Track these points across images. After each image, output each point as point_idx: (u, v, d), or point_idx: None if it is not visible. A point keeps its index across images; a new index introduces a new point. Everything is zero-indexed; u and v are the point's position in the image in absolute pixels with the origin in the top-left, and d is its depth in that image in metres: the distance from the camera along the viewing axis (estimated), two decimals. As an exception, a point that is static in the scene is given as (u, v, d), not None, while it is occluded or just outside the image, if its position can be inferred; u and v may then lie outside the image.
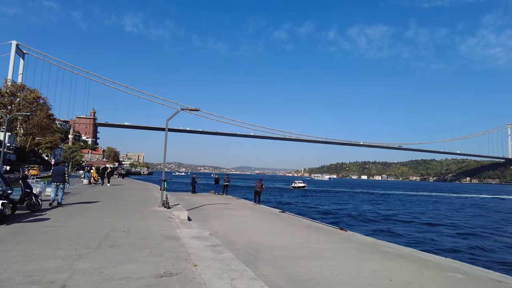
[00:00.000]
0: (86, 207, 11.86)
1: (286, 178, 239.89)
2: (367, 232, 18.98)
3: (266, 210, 17.27)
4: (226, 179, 26.59)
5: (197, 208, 16.15)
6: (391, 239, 16.35)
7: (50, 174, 14.06)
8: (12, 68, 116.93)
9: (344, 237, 10.79)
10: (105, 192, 18.87)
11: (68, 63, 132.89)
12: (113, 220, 9.10)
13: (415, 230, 22.57)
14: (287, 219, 14.24)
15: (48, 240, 6.37)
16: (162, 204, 12.64)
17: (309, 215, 25.10)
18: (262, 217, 14.23)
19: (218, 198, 23.16)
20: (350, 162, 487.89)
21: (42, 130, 71.54)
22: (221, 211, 15.73)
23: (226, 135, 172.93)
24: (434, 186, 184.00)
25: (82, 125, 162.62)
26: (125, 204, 13.52)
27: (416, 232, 21.45)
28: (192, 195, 25.07)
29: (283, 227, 11.96)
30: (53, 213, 9.89)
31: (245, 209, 17.24)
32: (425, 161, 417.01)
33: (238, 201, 21.69)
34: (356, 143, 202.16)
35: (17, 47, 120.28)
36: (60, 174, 11.99)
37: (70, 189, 20.72)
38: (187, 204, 17.82)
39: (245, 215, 14.77)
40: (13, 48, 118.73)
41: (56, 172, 12.28)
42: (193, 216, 12.91)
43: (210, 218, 13.14)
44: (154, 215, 10.62)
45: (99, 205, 12.39)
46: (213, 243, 6.88)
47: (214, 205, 17.99)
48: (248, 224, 12.04)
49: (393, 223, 25.38)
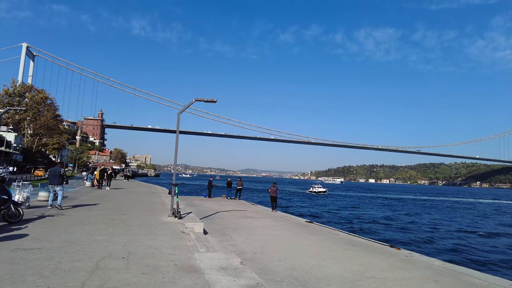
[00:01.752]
0: (79, 216, 9.74)
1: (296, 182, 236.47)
2: (422, 249, 16.17)
3: (290, 220, 14.99)
4: (239, 182, 24.40)
5: (212, 217, 13.96)
6: (459, 260, 13.71)
7: (47, 176, 12.41)
8: (22, 70, 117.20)
9: (403, 258, 8.47)
10: (107, 197, 16.77)
11: (76, 65, 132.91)
12: (109, 238, 6.93)
13: (478, 244, 19.31)
14: (320, 232, 11.94)
15: (4, 276, 4.22)
16: (172, 213, 10.47)
17: (340, 225, 22.65)
18: (290, 229, 11.96)
19: (232, 203, 20.95)
20: (358, 165, 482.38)
21: (49, 131, 70.54)
22: (240, 220, 13.51)
23: (233, 137, 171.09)
24: (446, 190, 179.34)
25: (90, 126, 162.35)
26: (128, 212, 11.38)
27: (484, 249, 18.01)
28: (204, 199, 22.94)
29: (321, 244, 9.67)
30: (35, 226, 7.78)
31: (265, 217, 14.99)
32: (434, 164, 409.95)
33: (254, 208, 19.45)
34: (364, 146, 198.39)
35: (27, 49, 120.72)
36: (57, 175, 11.16)
37: (69, 192, 18.74)
38: (199, 211, 15.65)
39: (269, 226, 12.52)
40: (24, 51, 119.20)
41: (52, 174, 11.28)
42: (209, 228, 10.71)
43: (230, 230, 10.92)
44: (163, 229, 8.45)
45: (96, 215, 10.26)
46: (252, 282, 4.65)
47: (230, 213, 15.79)
48: (278, 240, 9.78)
49: (441, 234, 22.40)
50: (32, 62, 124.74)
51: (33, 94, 68.46)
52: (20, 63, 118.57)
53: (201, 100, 11.23)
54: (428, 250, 15.57)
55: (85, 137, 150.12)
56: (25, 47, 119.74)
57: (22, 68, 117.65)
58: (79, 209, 11.34)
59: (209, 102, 11.30)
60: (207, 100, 11.25)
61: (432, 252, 13.85)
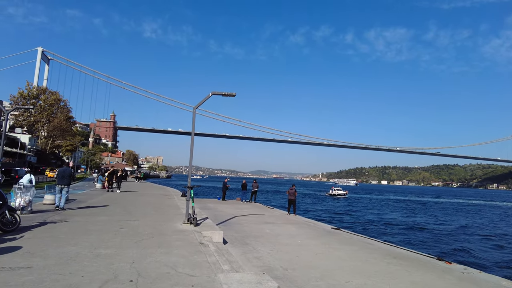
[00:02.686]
0: (85, 223, 8.73)
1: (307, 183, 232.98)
2: (471, 261, 14.30)
3: (315, 226, 13.71)
4: (255, 184, 23.21)
5: (229, 222, 12.81)
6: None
7: (55, 176, 12.02)
8: (37, 74, 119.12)
9: (460, 276, 7.13)
10: (117, 200, 15.83)
11: (89, 68, 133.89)
12: (116, 251, 5.85)
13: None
14: (351, 241, 10.63)
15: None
16: (187, 219, 9.37)
17: (368, 232, 21.09)
18: (317, 238, 10.70)
19: (247, 206, 19.78)
20: (370, 167, 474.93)
21: (62, 133, 71.03)
22: (260, 226, 12.32)
23: (244, 138, 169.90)
24: (465, 192, 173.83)
25: (102, 128, 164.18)
26: (138, 218, 10.33)
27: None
28: (218, 202, 21.86)
29: (357, 256, 8.39)
30: (32, 236, 6.77)
31: (287, 223, 13.75)
32: (448, 166, 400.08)
33: (272, 212, 18.23)
34: (376, 147, 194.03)
35: (42, 54, 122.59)
36: (66, 176, 11.05)
37: (78, 195, 17.95)
38: (215, 215, 14.54)
39: (293, 233, 11.29)
40: (39, 55, 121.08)
41: (61, 174, 11.06)
42: (228, 236, 9.56)
43: (251, 239, 9.74)
44: (179, 239, 7.33)
45: (103, 221, 9.24)
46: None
47: (248, 218, 14.61)
48: (308, 252, 8.54)
49: (483, 243, 20.51)
50: (47, 66, 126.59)
51: (47, 96, 69.01)
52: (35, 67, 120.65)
53: (218, 94, 10.12)
54: (480, 263, 13.93)
55: (98, 139, 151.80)
56: (40, 51, 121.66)
57: (37, 72, 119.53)
58: (86, 214, 10.36)
59: (228, 96, 10.18)
60: (225, 94, 10.13)
61: (486, 266, 12.27)
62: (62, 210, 10.73)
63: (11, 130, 70.13)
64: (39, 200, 13.09)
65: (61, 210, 10.77)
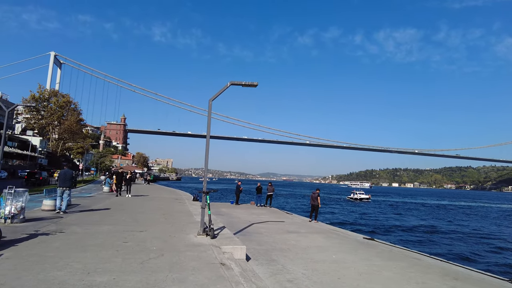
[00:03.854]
0: (83, 236, 7.40)
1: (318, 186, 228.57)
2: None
3: (344, 235, 12.13)
4: (270, 187, 21.73)
5: (248, 231, 11.36)
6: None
7: (56, 178, 11.16)
8: (50, 77, 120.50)
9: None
10: (124, 205, 14.54)
11: (100, 72, 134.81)
12: (115, 279, 4.45)
13: None
14: (393, 255, 9.03)
15: None
16: (203, 230, 7.96)
17: (406, 243, 19.06)
18: (352, 251, 9.14)
19: (264, 212, 18.31)
20: (380, 169, 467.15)
21: (73, 135, 70.93)
22: (283, 236, 10.82)
23: (253, 141, 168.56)
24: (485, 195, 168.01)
25: (113, 131, 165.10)
26: (146, 227, 8.97)
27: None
28: (232, 206, 20.45)
29: (410, 277, 6.80)
30: (14, 254, 5.44)
31: (312, 232, 12.21)
32: (460, 168, 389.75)
33: (292, 218, 16.71)
34: (387, 149, 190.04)
35: (55, 58, 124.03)
36: (68, 178, 10.62)
37: (83, 199, 16.76)
38: (230, 222, 13.12)
39: (323, 245, 9.76)
40: (51, 59, 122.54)
41: (63, 176, 10.64)
42: (250, 249, 8.09)
43: (277, 253, 8.27)
44: (195, 258, 5.91)
45: (105, 232, 7.90)
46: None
47: (267, 225, 13.14)
48: (349, 271, 7.01)
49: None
50: (59, 70, 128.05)
51: (57, 99, 69.09)
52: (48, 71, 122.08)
53: (237, 84, 8.71)
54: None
55: (109, 141, 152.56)
56: (53, 56, 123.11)
57: (50, 76, 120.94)
58: (86, 222, 9.05)
59: (248, 86, 8.76)
60: (245, 84, 8.72)
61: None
62: (63, 214, 10.27)
63: (23, 133, 70.46)
64: (38, 205, 11.92)
65: (63, 213, 10.32)
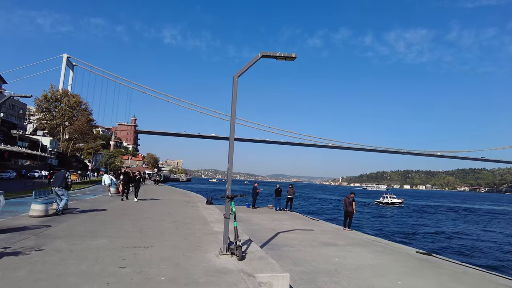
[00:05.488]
0: (64, 256, 5.47)
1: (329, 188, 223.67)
2: None
3: (392, 249, 9.94)
4: (291, 190, 19.69)
5: (275, 243, 9.33)
6: None
7: (51, 181, 9.82)
8: (62, 79, 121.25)
9: None
10: (128, 210, 12.65)
11: (111, 73, 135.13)
12: None
13: None
14: (474, 280, 6.87)
15: None
16: (227, 247, 5.95)
17: (465, 257, 16.60)
18: (418, 274, 7.00)
19: (285, 217, 16.23)
20: (391, 171, 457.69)
21: (83, 136, 70.26)
22: (320, 251, 8.74)
23: (261, 142, 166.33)
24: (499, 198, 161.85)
25: (123, 131, 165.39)
26: (152, 241, 7.01)
27: None
28: (249, 210, 18.46)
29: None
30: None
31: (351, 244, 10.09)
32: (474, 170, 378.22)
33: (320, 225, 14.59)
34: (399, 151, 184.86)
35: (67, 60, 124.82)
36: (60, 177, 10.42)
37: (85, 202, 14.99)
38: (251, 230, 11.13)
39: (376, 265, 7.64)
40: (64, 61, 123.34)
41: (56, 176, 10.58)
42: (287, 270, 6.05)
43: (325, 279, 6.20)
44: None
45: (97, 249, 5.96)
46: None
47: (295, 235, 11.07)
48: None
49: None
50: (72, 72, 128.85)
51: (68, 99, 68.60)
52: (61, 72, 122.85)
53: (271, 56, 6.72)
54: None
55: (119, 142, 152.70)
56: (65, 58, 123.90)
57: (62, 77, 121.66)
58: (77, 234, 7.15)
59: (283, 59, 6.76)
60: (280, 56, 6.71)
61: None
62: (60, 214, 9.97)
63: (33, 133, 70.11)
64: (25, 209, 10.16)
65: (61, 213, 10.07)
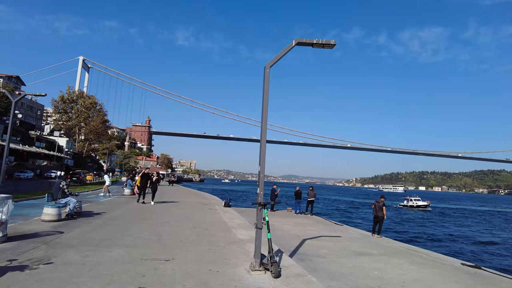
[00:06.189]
0: (75, 273, 4.83)
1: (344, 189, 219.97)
2: None
3: (433, 259, 8.95)
4: (311, 192, 18.80)
5: (303, 252, 8.52)
6: None
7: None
8: (78, 81, 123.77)
9: None
10: (145, 214, 12.07)
11: (126, 75, 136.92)
12: None
13: None
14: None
15: None
16: (259, 262, 5.21)
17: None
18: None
19: (307, 221, 15.37)
20: (406, 172, 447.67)
21: (98, 136, 71.13)
22: (354, 261, 7.88)
23: (274, 142, 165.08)
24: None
25: (138, 132, 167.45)
26: (173, 251, 6.32)
27: None
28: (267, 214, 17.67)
29: None
30: None
31: (387, 254, 9.17)
32: (493, 171, 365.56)
33: (346, 230, 13.66)
34: (414, 152, 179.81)
35: (83, 62, 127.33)
36: (56, 190, 10.21)
37: (99, 203, 14.54)
38: (274, 236, 10.30)
39: (420, 279, 6.70)
40: (80, 63, 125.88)
41: (53, 189, 10.44)
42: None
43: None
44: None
45: (112, 262, 5.31)
46: None
47: (322, 242, 10.22)
48: None
49: None
50: (87, 74, 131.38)
51: (84, 100, 69.63)
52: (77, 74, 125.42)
53: (307, 44, 5.95)
54: None
55: (134, 143, 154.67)
56: (81, 60, 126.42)
57: (78, 79, 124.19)
58: (91, 242, 6.54)
59: (321, 47, 5.97)
60: (318, 43, 5.92)
61: None
62: (74, 218, 9.74)
63: (50, 134, 71.47)
64: (38, 212, 9.71)
65: (74, 218, 9.82)
